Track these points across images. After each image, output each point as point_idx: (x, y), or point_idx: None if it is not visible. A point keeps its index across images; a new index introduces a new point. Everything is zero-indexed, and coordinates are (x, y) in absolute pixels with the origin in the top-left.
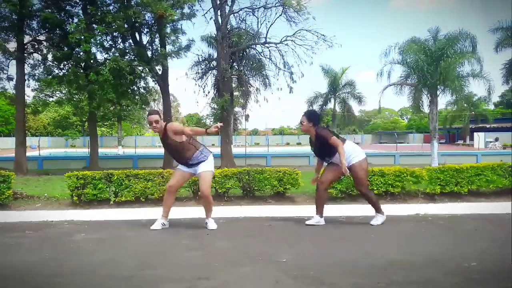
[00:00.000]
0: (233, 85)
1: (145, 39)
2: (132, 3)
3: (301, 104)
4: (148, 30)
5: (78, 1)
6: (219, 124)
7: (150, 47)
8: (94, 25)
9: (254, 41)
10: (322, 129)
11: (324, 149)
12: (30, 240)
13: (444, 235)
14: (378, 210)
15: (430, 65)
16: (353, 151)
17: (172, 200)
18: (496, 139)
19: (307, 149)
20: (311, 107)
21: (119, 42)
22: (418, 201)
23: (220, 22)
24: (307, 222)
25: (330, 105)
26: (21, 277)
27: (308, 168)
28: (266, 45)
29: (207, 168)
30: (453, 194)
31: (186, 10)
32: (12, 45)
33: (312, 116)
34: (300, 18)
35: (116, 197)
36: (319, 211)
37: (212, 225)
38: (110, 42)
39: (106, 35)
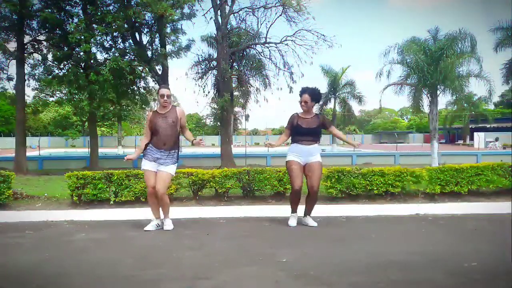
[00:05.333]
0: (233, 85)
1: (145, 39)
2: (132, 3)
3: None
4: (148, 30)
5: (78, 1)
6: (200, 140)
7: (150, 47)
8: (94, 25)
9: (254, 41)
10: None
11: (319, 132)
12: (30, 240)
13: (444, 235)
14: (310, 213)
15: (430, 65)
16: (319, 151)
17: (158, 201)
18: (496, 139)
19: None
20: None
21: (119, 42)
22: (418, 201)
23: (220, 22)
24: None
25: (330, 105)
26: (21, 277)
27: None
28: (266, 45)
29: (172, 170)
30: (453, 194)
31: (186, 10)
32: (12, 45)
33: (317, 96)
34: (300, 18)
35: (116, 197)
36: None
37: (168, 225)
38: (110, 42)
39: (106, 35)
